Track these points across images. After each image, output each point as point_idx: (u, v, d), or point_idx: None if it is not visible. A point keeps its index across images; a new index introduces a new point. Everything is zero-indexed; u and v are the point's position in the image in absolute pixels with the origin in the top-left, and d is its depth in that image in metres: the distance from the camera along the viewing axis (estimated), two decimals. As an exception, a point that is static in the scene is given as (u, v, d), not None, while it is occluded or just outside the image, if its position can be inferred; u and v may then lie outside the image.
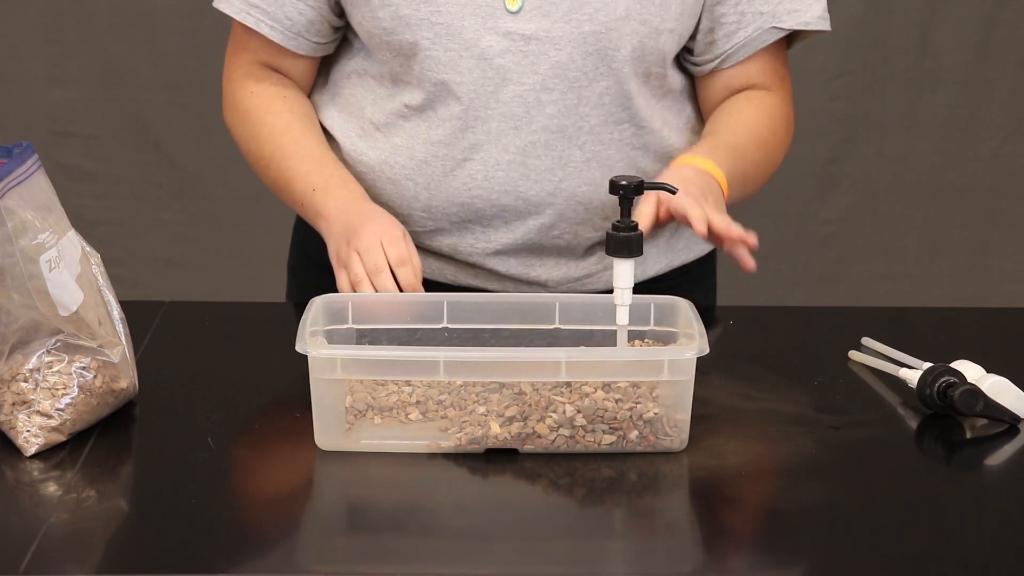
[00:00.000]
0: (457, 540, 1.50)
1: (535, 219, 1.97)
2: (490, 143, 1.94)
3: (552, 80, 1.92)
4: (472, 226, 1.98)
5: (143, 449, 1.68)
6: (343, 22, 1.99)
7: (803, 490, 1.59)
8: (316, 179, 1.97)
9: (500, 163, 1.94)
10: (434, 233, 1.99)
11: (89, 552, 1.47)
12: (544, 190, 1.95)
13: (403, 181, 1.98)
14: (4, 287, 1.59)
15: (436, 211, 1.97)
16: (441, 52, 1.91)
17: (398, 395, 1.66)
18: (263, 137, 2.01)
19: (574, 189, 1.96)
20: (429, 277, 2.02)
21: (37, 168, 1.61)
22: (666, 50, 1.95)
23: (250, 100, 2.03)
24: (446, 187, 1.96)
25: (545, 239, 1.98)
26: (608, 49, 1.92)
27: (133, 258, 3.41)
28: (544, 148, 1.94)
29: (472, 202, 1.96)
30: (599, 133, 1.95)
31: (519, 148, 1.93)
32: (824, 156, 3.42)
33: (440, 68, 1.92)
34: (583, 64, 1.92)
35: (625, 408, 1.62)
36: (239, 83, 2.04)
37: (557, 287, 2.02)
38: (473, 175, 1.95)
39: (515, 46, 1.91)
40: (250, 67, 2.03)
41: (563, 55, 1.91)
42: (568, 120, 1.93)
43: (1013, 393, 1.72)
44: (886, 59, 3.37)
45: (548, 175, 1.95)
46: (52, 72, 3.36)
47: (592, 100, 1.94)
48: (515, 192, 1.95)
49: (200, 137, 3.34)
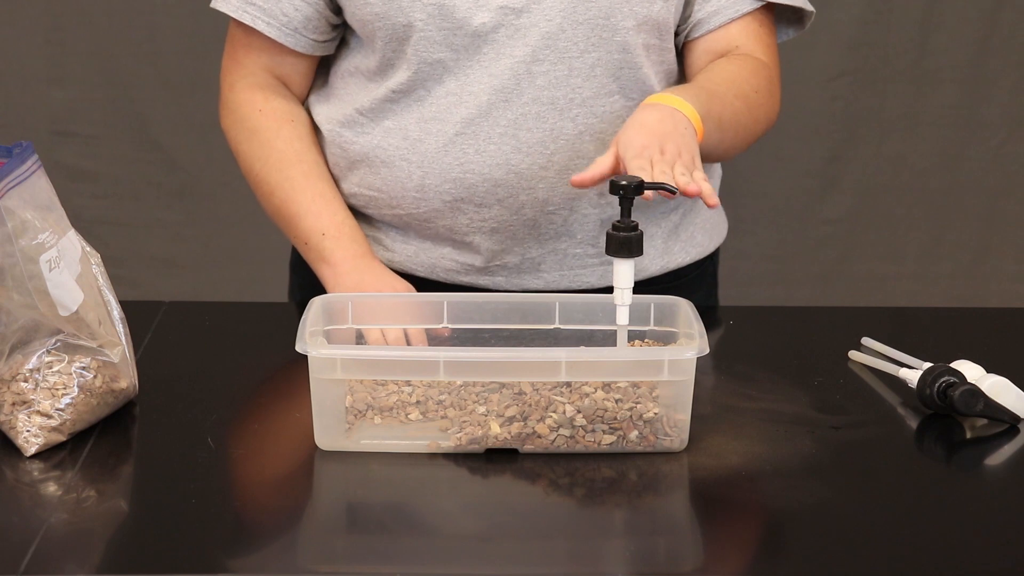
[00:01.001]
0: (457, 540, 1.51)
1: (528, 194, 1.96)
2: (481, 117, 1.94)
3: (542, 51, 1.92)
4: (465, 205, 1.97)
5: (143, 449, 1.68)
6: (341, 19, 2.00)
7: (803, 490, 1.59)
8: (327, 223, 2.00)
9: (491, 136, 1.94)
10: (428, 214, 1.99)
11: (89, 552, 1.47)
12: (536, 163, 1.95)
13: (397, 162, 1.98)
14: (4, 287, 1.59)
15: (429, 189, 1.97)
16: (435, 32, 1.92)
17: (398, 395, 1.66)
18: (271, 163, 2.02)
19: (566, 162, 1.95)
20: (420, 275, 2.03)
21: (37, 168, 1.61)
22: (660, 20, 1.95)
23: (258, 119, 2.03)
24: (438, 163, 1.96)
25: (540, 215, 1.97)
26: (599, 19, 1.92)
27: (133, 258, 3.40)
28: (535, 120, 1.94)
29: (465, 177, 1.95)
30: (591, 105, 1.95)
31: (510, 121, 1.94)
32: (824, 156, 3.42)
33: (435, 48, 1.93)
34: (574, 34, 1.92)
35: (625, 408, 1.62)
36: (245, 95, 2.04)
37: (551, 272, 2.01)
38: (465, 149, 1.95)
39: (507, 20, 1.91)
40: (254, 77, 2.04)
41: (553, 25, 1.92)
42: (559, 91, 1.94)
43: (1013, 393, 1.72)
44: (886, 59, 3.37)
45: (540, 148, 1.94)
46: (52, 72, 3.36)
47: (583, 71, 1.94)
48: (507, 166, 1.95)
49: (200, 137, 3.34)
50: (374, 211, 2.03)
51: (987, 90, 3.39)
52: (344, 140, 2.01)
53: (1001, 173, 3.44)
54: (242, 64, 2.04)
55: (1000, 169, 3.44)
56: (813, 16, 2.05)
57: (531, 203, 1.97)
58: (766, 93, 2.00)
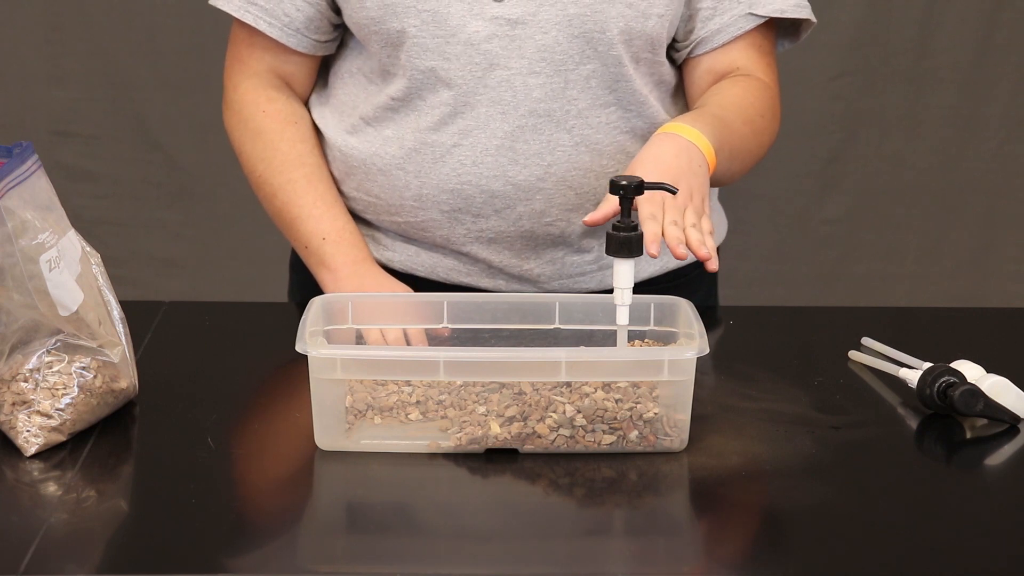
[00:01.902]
0: (457, 540, 1.50)
1: (525, 205, 1.97)
2: (478, 129, 1.94)
3: (538, 64, 1.93)
4: (462, 216, 1.97)
5: (143, 449, 1.68)
6: (342, 20, 2.00)
7: (803, 490, 1.59)
8: (328, 227, 2.01)
9: (488, 148, 1.94)
10: (426, 223, 1.99)
11: (89, 552, 1.47)
12: (533, 175, 1.95)
13: (394, 171, 1.98)
14: (4, 287, 1.59)
15: (427, 200, 1.97)
16: (428, 39, 1.92)
17: (398, 395, 1.66)
18: (274, 165, 2.03)
19: (563, 174, 1.96)
20: (421, 275, 2.03)
21: (37, 168, 1.61)
22: (654, 35, 1.95)
23: (262, 120, 2.03)
24: (436, 174, 1.96)
25: (537, 227, 1.98)
26: (594, 32, 1.92)
27: (133, 258, 3.40)
28: (532, 132, 1.94)
29: (462, 188, 1.96)
30: (587, 117, 1.95)
31: (507, 133, 1.94)
32: (824, 156, 3.42)
33: (428, 55, 1.93)
34: (569, 47, 1.92)
35: (625, 408, 1.62)
36: (249, 95, 2.04)
37: (549, 282, 2.02)
38: (462, 161, 1.95)
39: (501, 31, 1.91)
40: (258, 77, 2.04)
41: (549, 38, 1.92)
42: (555, 103, 1.94)
43: (1013, 393, 1.72)
44: (886, 59, 3.37)
45: (537, 159, 1.95)
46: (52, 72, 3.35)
47: (579, 83, 1.94)
48: (504, 177, 1.95)
49: (200, 137, 3.34)
50: (372, 216, 2.04)
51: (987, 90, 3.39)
52: (345, 145, 2.02)
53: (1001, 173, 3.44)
54: (245, 64, 2.05)
55: (1000, 169, 3.44)
56: (813, 26, 2.05)
57: (528, 214, 1.97)
58: (770, 116, 2.01)
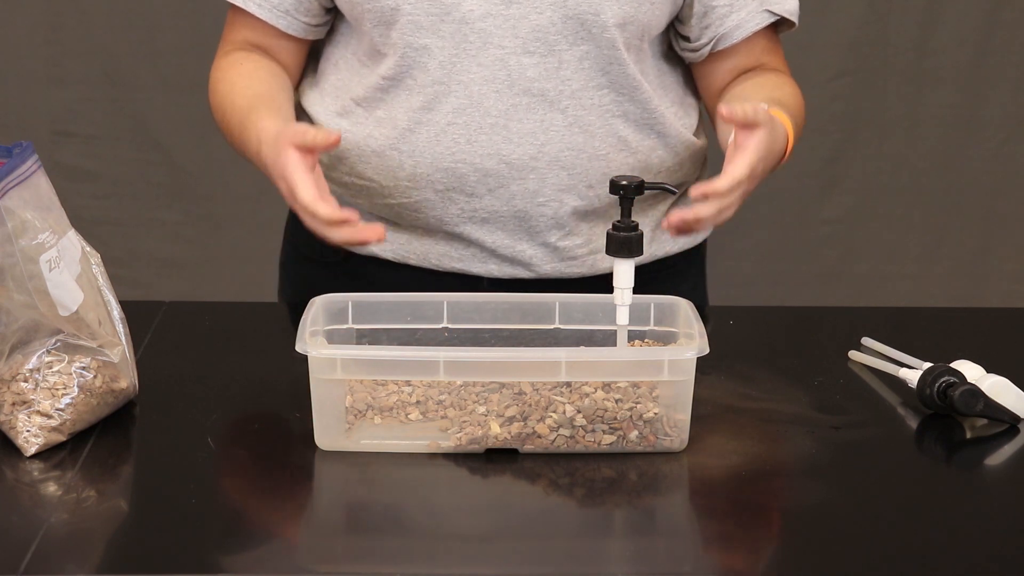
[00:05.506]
0: (457, 540, 1.50)
1: (519, 184, 1.97)
2: (472, 107, 1.94)
3: (532, 43, 1.93)
4: (456, 195, 1.97)
5: (143, 449, 1.68)
6: (332, 3, 2.00)
7: (803, 490, 1.59)
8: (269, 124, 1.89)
9: (483, 126, 1.94)
10: (419, 204, 1.99)
11: (89, 552, 1.47)
12: (527, 154, 1.95)
13: (387, 151, 1.98)
14: (4, 287, 1.59)
15: (421, 179, 1.97)
16: (422, 16, 1.92)
17: (398, 395, 1.66)
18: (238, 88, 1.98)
19: (556, 154, 1.96)
20: (413, 263, 2.03)
21: (37, 168, 1.61)
22: (648, 22, 1.96)
23: (223, 72, 2.02)
24: (430, 153, 1.96)
25: (530, 207, 1.98)
26: (588, 14, 1.93)
27: (133, 258, 3.41)
28: (526, 111, 1.94)
29: (456, 167, 1.96)
30: (580, 98, 1.96)
31: (501, 111, 1.94)
32: (824, 156, 3.42)
33: (421, 33, 1.93)
34: (563, 27, 1.93)
35: (625, 408, 1.62)
36: (219, 61, 2.05)
37: (542, 265, 2.01)
38: (456, 139, 1.95)
39: (496, 9, 1.92)
40: (234, 46, 2.04)
41: (543, 18, 1.92)
42: (549, 83, 1.94)
43: (1013, 393, 1.72)
44: (886, 59, 3.37)
45: (530, 138, 1.95)
46: (52, 72, 3.36)
47: (572, 64, 1.94)
48: (498, 155, 1.95)
49: (200, 137, 3.34)
50: (365, 201, 2.03)
51: (987, 90, 3.40)
52: (336, 128, 2.01)
53: (1001, 173, 3.45)
54: (234, 44, 2.05)
55: (1000, 169, 3.44)
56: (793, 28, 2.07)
57: (521, 193, 1.97)
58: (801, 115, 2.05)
